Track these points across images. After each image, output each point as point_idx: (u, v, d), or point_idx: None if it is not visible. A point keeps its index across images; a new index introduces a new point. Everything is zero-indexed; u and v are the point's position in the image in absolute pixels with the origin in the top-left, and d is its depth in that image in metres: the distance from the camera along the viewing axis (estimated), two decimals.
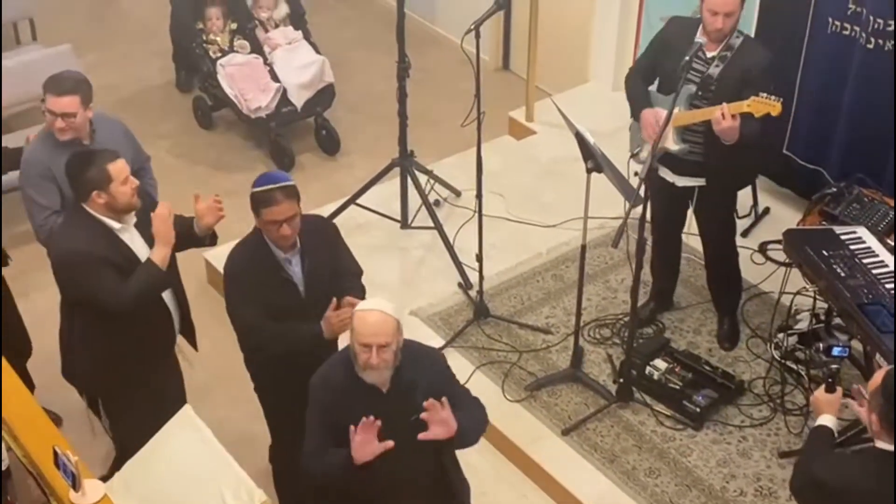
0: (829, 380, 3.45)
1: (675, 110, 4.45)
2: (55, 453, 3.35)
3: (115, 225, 3.87)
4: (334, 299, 3.82)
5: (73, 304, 4.00)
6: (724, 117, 4.30)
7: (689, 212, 4.90)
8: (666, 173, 4.69)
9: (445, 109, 6.73)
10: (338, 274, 3.98)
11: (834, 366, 3.74)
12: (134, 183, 3.89)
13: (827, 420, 3.35)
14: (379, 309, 3.44)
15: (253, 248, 3.87)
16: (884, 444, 3.15)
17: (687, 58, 4.44)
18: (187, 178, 6.59)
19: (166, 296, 4.08)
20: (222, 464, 3.56)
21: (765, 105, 4.31)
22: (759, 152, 4.83)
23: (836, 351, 4.34)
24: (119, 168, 3.84)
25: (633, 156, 4.79)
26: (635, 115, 4.67)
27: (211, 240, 4.22)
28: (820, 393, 3.39)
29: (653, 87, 4.68)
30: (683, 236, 5.06)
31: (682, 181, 4.68)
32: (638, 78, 4.72)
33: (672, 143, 4.58)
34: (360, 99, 7.20)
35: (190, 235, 4.12)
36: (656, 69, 4.68)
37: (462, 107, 5.20)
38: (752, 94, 4.35)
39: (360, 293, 3.98)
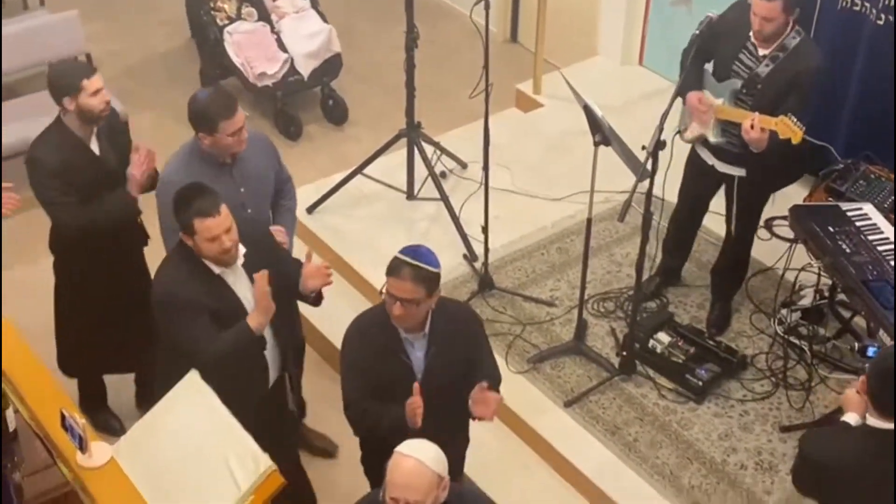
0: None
1: (719, 101, 4.44)
2: (62, 416, 3.38)
3: (215, 269, 3.68)
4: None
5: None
6: (752, 127, 4.26)
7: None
8: (707, 156, 4.67)
9: (453, 81, 6.72)
10: (471, 373, 3.63)
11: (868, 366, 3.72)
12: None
13: (850, 418, 3.33)
14: (417, 458, 3.05)
15: (370, 319, 3.61)
16: (875, 422, 3.17)
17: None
18: None
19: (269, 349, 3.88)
20: (228, 430, 3.58)
21: (789, 129, 4.22)
22: (792, 157, 4.67)
23: (871, 352, 4.36)
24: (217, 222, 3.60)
25: (679, 133, 4.73)
26: (681, 94, 4.50)
27: (315, 300, 3.99)
28: (851, 392, 3.36)
29: (709, 66, 4.56)
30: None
31: (722, 167, 4.65)
32: (696, 53, 4.48)
33: (712, 135, 4.56)
34: (367, 69, 7.19)
35: (295, 290, 3.97)
36: (713, 50, 4.52)
37: (469, 78, 5.19)
38: (795, 100, 4.28)
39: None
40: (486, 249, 5.18)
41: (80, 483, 3.38)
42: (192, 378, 3.72)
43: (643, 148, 4.36)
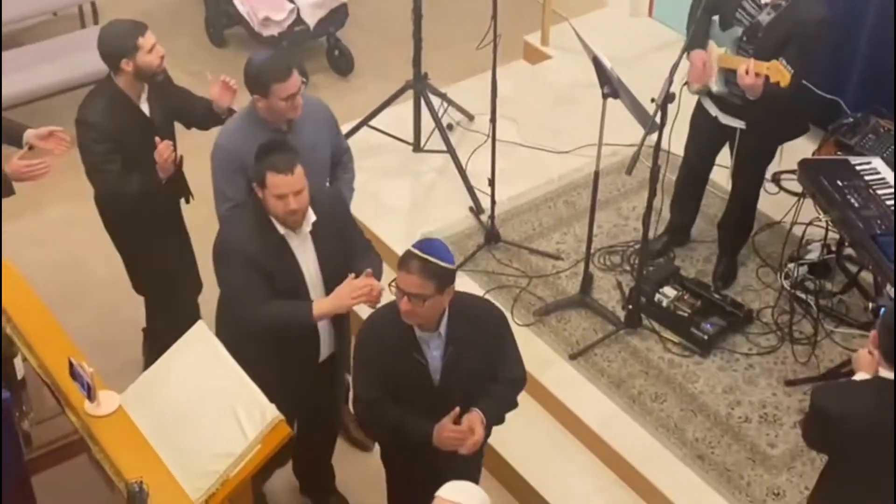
0: None
1: (721, 50, 4.41)
2: (70, 364, 3.40)
3: (280, 229, 3.64)
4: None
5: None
6: (747, 73, 4.24)
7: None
8: (710, 107, 4.64)
9: (460, 32, 6.65)
10: (490, 372, 3.54)
11: None
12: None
13: (861, 378, 3.31)
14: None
15: (385, 316, 3.45)
16: (886, 373, 3.18)
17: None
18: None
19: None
20: (235, 380, 3.60)
21: (779, 73, 4.20)
22: (790, 115, 4.68)
23: (883, 311, 4.33)
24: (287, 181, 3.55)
25: (686, 84, 4.69)
26: (687, 49, 4.48)
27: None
28: (863, 352, 3.34)
29: (716, 18, 4.52)
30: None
31: (725, 118, 4.62)
32: (705, 5, 4.48)
33: (714, 84, 4.53)
34: (373, 19, 7.13)
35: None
36: (719, 1, 4.49)
37: (477, 30, 5.15)
38: (795, 50, 4.25)
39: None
40: (493, 202, 5.17)
41: (88, 431, 3.40)
42: (200, 328, 3.73)
43: (652, 101, 4.33)
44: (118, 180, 4.15)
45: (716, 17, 4.51)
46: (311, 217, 3.65)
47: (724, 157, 4.91)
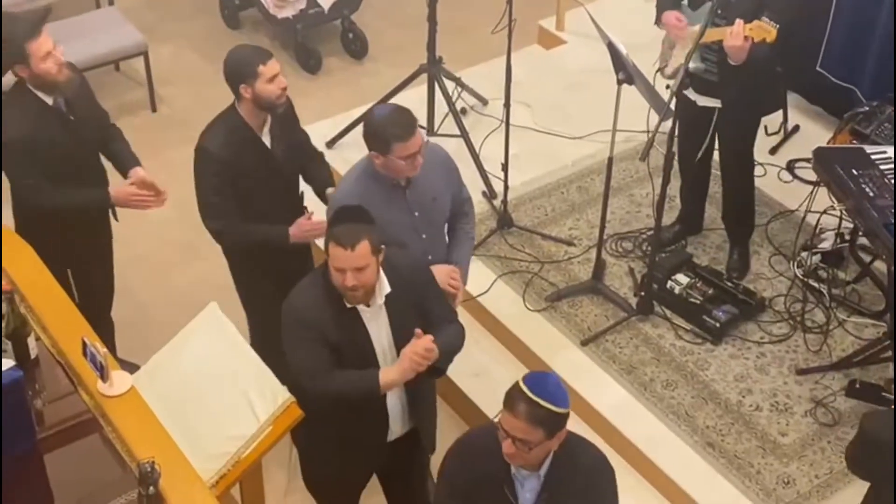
0: None
1: (695, 27, 4.39)
2: (84, 344, 3.41)
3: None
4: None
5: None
6: (733, 34, 4.21)
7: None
8: (689, 91, 4.63)
9: (475, 16, 6.64)
10: None
11: None
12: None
13: None
14: None
15: (481, 440, 3.14)
16: None
17: None
18: (211, 78, 6.55)
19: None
20: (248, 362, 3.61)
21: (762, 30, 4.19)
22: (772, 81, 4.66)
23: None
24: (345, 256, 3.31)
25: (660, 70, 4.71)
26: (657, 19, 4.53)
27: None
28: None
29: (685, 1, 4.54)
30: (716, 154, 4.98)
31: (702, 100, 4.61)
32: None
33: (691, 61, 4.51)
34: (387, 4, 7.11)
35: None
36: None
37: (491, 14, 5.13)
38: (770, 14, 4.24)
39: None
40: (506, 187, 5.16)
41: (101, 411, 3.41)
42: (212, 310, 3.74)
43: (667, 87, 4.32)
44: (217, 213, 4.01)
45: (685, 1, 4.51)
46: (385, 289, 3.39)
47: None
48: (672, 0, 4.56)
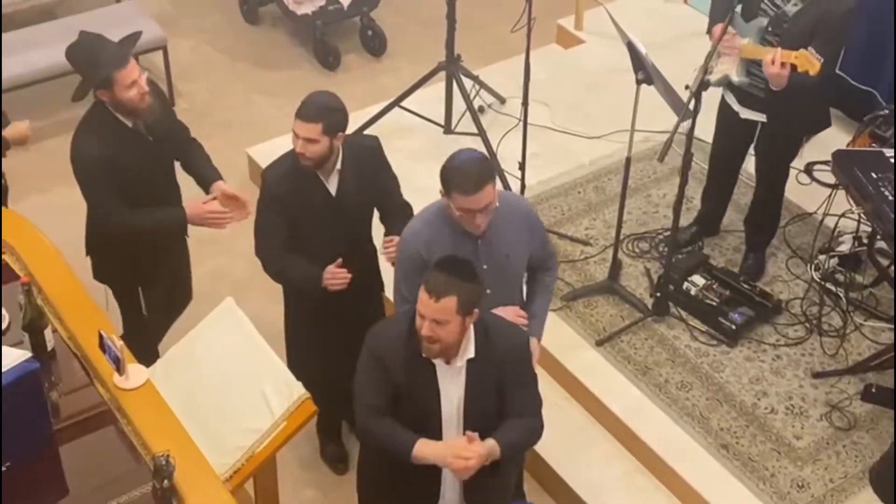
0: None
1: (745, 41, 4.36)
2: (100, 336, 3.42)
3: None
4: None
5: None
6: (773, 62, 4.19)
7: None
8: (732, 101, 4.60)
9: (494, 14, 6.64)
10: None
11: None
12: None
13: None
14: None
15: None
16: None
17: None
18: (229, 73, 6.58)
19: None
20: (263, 357, 3.62)
21: (807, 61, 4.14)
22: (815, 107, 4.60)
23: None
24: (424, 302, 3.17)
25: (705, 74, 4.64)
26: (708, 28, 4.47)
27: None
28: None
29: (738, 8, 4.45)
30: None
31: (745, 112, 4.58)
32: None
33: (735, 74, 4.49)
34: (406, 1, 7.11)
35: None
36: None
37: (510, 13, 5.13)
38: (821, 41, 4.19)
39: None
40: (523, 186, 5.15)
41: (116, 403, 3.42)
42: (229, 305, 3.75)
43: (686, 88, 4.30)
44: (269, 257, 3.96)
45: (738, 8, 4.47)
46: (469, 353, 3.22)
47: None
48: (725, 8, 4.48)
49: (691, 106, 4.24)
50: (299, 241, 3.87)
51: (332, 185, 3.86)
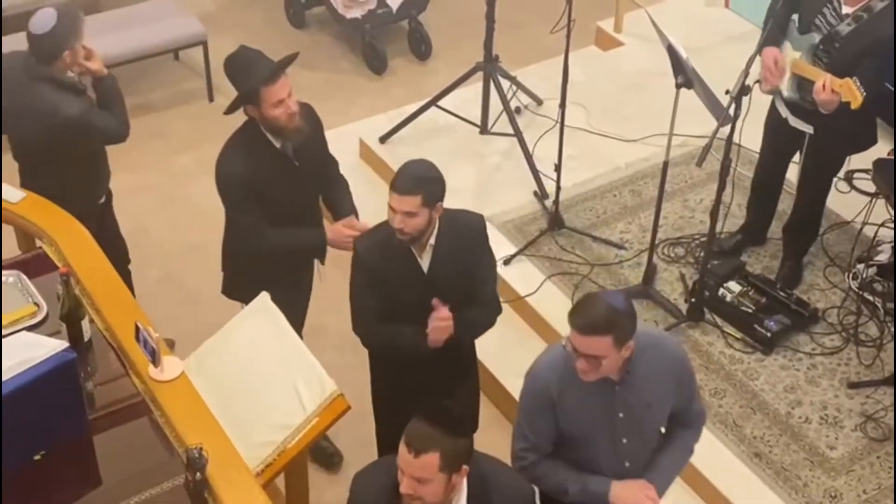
0: None
1: (797, 55, 4.32)
2: (137, 328, 3.44)
3: None
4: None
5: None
6: (823, 88, 4.15)
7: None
8: (781, 108, 4.57)
9: (533, 15, 6.63)
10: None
11: None
12: None
13: None
14: None
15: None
16: None
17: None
18: None
19: None
20: (296, 352, 3.62)
21: (850, 92, 4.09)
22: (863, 125, 4.54)
23: None
24: None
25: (759, 82, 4.56)
26: (760, 47, 4.40)
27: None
28: None
29: (796, 17, 4.43)
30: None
31: (794, 121, 4.53)
32: (783, 5, 4.42)
33: (786, 89, 4.45)
34: (448, 1, 7.10)
35: None
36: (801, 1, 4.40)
37: (549, 14, 5.11)
38: (870, 65, 4.14)
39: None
40: (558, 188, 5.14)
41: (151, 395, 3.44)
42: (263, 300, 3.76)
43: (727, 92, 4.27)
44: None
45: (795, 17, 4.42)
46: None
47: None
48: (781, 23, 4.43)
49: (731, 111, 4.21)
50: (391, 314, 3.64)
51: (425, 262, 3.59)
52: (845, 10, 4.28)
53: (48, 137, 4.11)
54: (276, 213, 3.90)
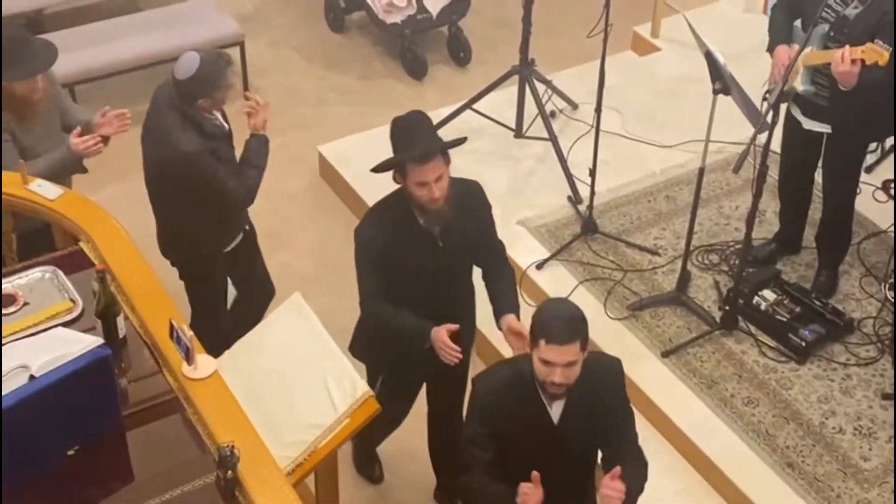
0: None
1: (807, 49, 4.30)
2: (171, 326, 3.46)
3: None
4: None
5: None
6: (842, 60, 4.12)
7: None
8: (797, 112, 4.54)
9: (569, 19, 6.62)
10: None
11: None
12: None
13: None
14: None
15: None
16: None
17: None
18: (305, 72, 6.63)
19: None
20: (329, 353, 3.63)
21: (874, 53, 4.07)
22: (881, 110, 4.47)
23: None
24: None
25: (767, 93, 4.60)
26: (770, 48, 4.45)
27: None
28: None
29: (798, 22, 4.45)
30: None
31: (808, 123, 4.51)
32: (783, 9, 4.49)
33: (800, 83, 4.43)
34: (485, 4, 7.10)
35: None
36: (801, 1, 4.41)
37: (585, 18, 5.10)
38: (885, 36, 4.13)
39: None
40: (592, 193, 5.12)
41: (184, 392, 3.46)
42: (296, 300, 3.77)
43: (764, 99, 4.24)
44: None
45: (797, 22, 4.40)
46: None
47: None
48: (785, 22, 4.46)
49: (769, 118, 4.18)
50: (506, 466, 3.34)
51: (556, 412, 3.27)
52: None
53: (158, 167, 4.15)
54: (407, 289, 3.70)
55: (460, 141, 3.72)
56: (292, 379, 3.62)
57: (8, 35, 4.13)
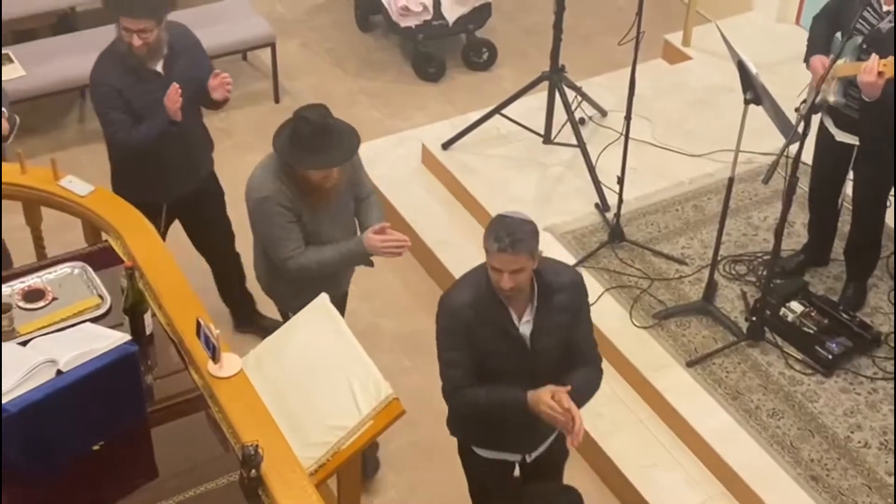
0: None
1: (840, 61, 4.27)
2: (198, 324, 3.48)
3: None
4: None
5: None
6: (869, 70, 4.08)
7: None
8: (829, 124, 4.51)
9: (600, 26, 6.61)
10: None
11: None
12: None
13: None
14: None
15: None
16: None
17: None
18: (335, 74, 6.66)
19: None
20: (353, 354, 3.64)
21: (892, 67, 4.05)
22: None
23: None
24: None
25: (803, 102, 4.57)
26: (807, 59, 4.43)
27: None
28: None
29: (839, 34, 4.40)
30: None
31: (840, 135, 4.49)
32: (823, 20, 4.47)
33: (832, 95, 4.40)
34: (515, 8, 7.11)
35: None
36: (840, 13, 4.40)
37: (616, 25, 5.09)
38: None
39: None
40: (620, 200, 5.11)
41: (209, 391, 3.48)
42: (321, 301, 3.78)
43: (796, 110, 4.22)
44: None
45: (838, 35, 4.38)
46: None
47: None
48: (825, 33, 4.43)
49: (800, 129, 4.15)
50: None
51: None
52: (886, 7, 4.24)
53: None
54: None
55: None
56: (317, 380, 3.63)
57: (312, 123, 3.82)
